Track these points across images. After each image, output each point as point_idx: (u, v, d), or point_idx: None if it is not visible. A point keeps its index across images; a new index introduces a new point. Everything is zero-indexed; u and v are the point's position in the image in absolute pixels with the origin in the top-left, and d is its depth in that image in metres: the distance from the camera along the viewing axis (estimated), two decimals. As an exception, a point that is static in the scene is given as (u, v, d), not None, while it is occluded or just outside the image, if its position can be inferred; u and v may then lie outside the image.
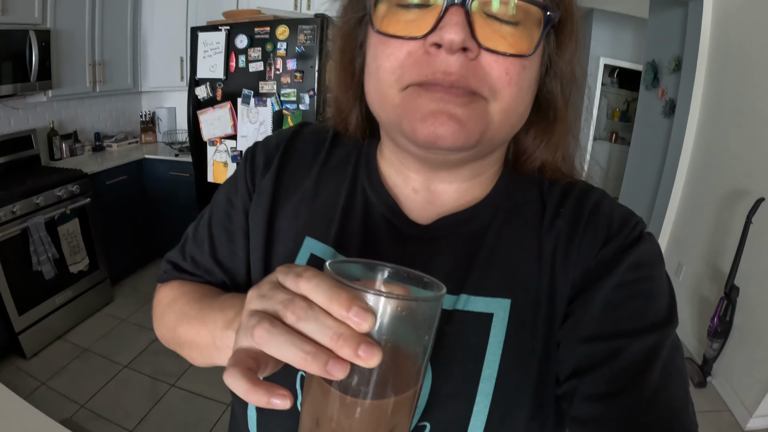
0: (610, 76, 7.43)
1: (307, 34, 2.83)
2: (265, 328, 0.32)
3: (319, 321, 0.31)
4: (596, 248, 0.51)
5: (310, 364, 0.30)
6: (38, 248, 2.77)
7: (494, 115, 0.45)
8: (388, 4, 0.45)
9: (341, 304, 0.31)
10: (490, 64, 0.43)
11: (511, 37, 0.43)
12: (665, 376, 0.44)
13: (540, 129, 0.56)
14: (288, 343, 0.31)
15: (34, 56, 2.93)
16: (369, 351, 0.30)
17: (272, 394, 0.32)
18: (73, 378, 2.71)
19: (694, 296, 3.24)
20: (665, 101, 3.82)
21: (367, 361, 0.30)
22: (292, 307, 0.32)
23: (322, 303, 0.32)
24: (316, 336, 0.31)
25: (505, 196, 0.57)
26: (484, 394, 0.49)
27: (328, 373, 0.30)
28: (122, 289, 3.68)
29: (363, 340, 0.30)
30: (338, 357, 0.30)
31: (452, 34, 0.40)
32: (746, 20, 2.87)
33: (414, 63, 0.44)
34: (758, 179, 2.71)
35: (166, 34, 3.89)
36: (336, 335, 0.30)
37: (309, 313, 0.32)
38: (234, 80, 3.06)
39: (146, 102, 4.46)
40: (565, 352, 0.49)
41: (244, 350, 0.35)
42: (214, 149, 3.21)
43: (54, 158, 3.52)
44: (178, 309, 0.62)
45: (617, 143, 7.49)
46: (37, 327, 2.88)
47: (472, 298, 0.51)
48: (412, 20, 0.43)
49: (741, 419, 2.64)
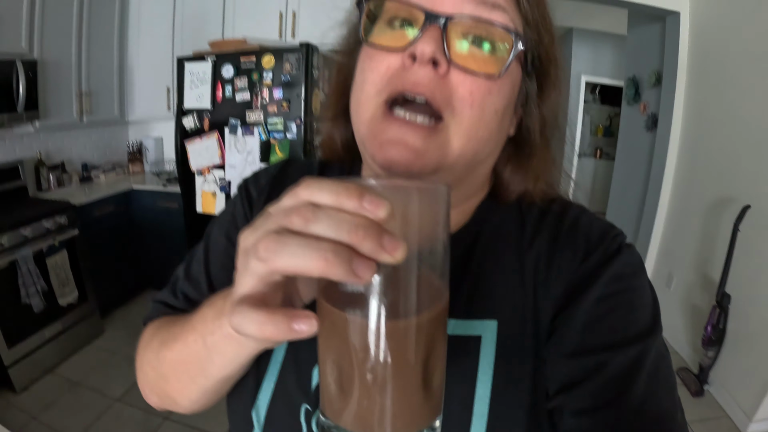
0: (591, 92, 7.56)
1: (292, 63, 2.85)
2: (271, 238, 0.29)
3: (332, 217, 0.28)
4: (576, 263, 0.52)
5: (332, 266, 0.27)
6: (27, 281, 2.73)
7: (454, 141, 0.47)
8: (377, 21, 0.48)
9: (351, 195, 0.28)
10: (457, 82, 0.46)
11: (482, 60, 0.46)
12: (651, 386, 0.44)
13: (516, 163, 0.58)
14: (302, 246, 0.28)
15: (21, 86, 2.92)
16: (394, 242, 0.27)
17: (293, 319, 0.29)
18: (64, 412, 2.64)
19: (686, 306, 3.26)
20: (647, 115, 3.89)
21: (393, 254, 0.27)
22: (297, 212, 0.29)
23: (330, 200, 0.29)
24: (331, 233, 0.28)
25: (485, 220, 0.58)
26: (479, 415, 0.48)
27: (353, 274, 0.27)
28: (112, 321, 3.62)
29: (384, 231, 0.27)
30: (361, 255, 0.27)
31: (425, 45, 0.44)
32: (723, 32, 2.96)
33: (391, 76, 0.47)
34: (743, 187, 2.75)
35: (152, 64, 3.91)
36: (354, 227, 0.27)
37: (318, 213, 0.28)
38: (221, 110, 3.06)
39: (133, 132, 4.45)
40: (552, 368, 0.49)
41: (245, 296, 0.32)
42: (203, 179, 3.20)
43: (41, 189, 3.50)
44: (161, 334, 0.57)
45: (602, 159, 7.58)
46: (26, 360, 2.82)
47: (460, 322, 0.52)
48: (396, 36, 0.47)
49: (741, 425, 2.64)
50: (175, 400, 0.56)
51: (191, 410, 0.57)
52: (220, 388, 0.53)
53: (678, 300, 3.33)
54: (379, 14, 0.48)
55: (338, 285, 0.31)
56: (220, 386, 0.51)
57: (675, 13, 3.25)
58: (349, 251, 0.27)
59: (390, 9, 0.48)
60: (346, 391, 0.32)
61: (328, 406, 0.34)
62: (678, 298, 3.34)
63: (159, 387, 0.57)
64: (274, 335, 0.29)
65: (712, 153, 3.07)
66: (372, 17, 0.49)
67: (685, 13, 3.24)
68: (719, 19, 2.99)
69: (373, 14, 0.49)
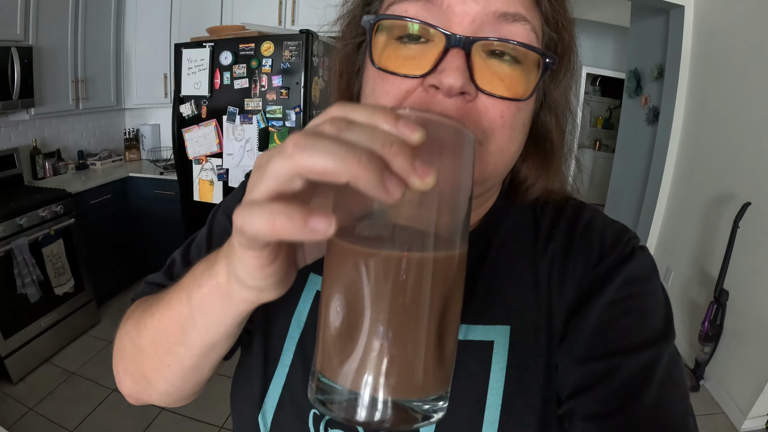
0: (592, 84, 7.54)
1: (292, 50, 2.82)
2: (300, 135, 0.27)
3: (366, 129, 0.27)
4: (590, 267, 0.51)
5: (365, 170, 0.25)
6: (23, 270, 2.71)
7: (486, 159, 0.45)
8: (387, 37, 0.45)
9: (387, 116, 0.27)
10: (486, 106, 0.43)
11: (509, 80, 0.43)
12: (663, 392, 0.44)
13: (538, 160, 0.56)
14: (334, 144, 0.26)
15: (17, 73, 2.89)
16: (425, 167, 0.26)
17: (311, 214, 0.26)
18: (61, 403, 2.64)
19: (683, 301, 3.27)
20: (648, 109, 3.87)
21: (423, 178, 0.26)
22: (330, 122, 0.27)
23: (364, 118, 0.27)
24: (364, 142, 0.26)
25: (499, 223, 0.57)
26: (490, 421, 0.48)
27: (383, 187, 0.25)
28: (108, 310, 3.61)
29: (417, 156, 0.26)
30: (392, 172, 0.26)
31: (451, 79, 0.40)
32: (727, 27, 2.93)
33: (412, 101, 0.44)
34: (743, 183, 2.75)
35: (149, 50, 3.87)
36: (388, 141, 0.26)
37: (352, 123, 0.27)
38: (219, 97, 3.03)
39: (130, 119, 4.42)
40: (563, 373, 0.49)
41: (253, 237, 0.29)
42: (200, 167, 3.18)
43: (37, 177, 3.47)
44: (144, 306, 0.52)
45: (601, 150, 7.59)
46: (23, 351, 2.81)
47: (472, 327, 0.51)
48: (412, 57, 0.43)
49: (736, 421, 2.67)
50: (149, 381, 0.51)
51: (166, 396, 0.53)
52: (198, 366, 0.47)
53: (675, 295, 3.34)
54: (389, 31, 0.45)
55: (354, 220, 0.30)
56: (199, 362, 0.46)
57: (679, 6, 3.23)
58: (382, 163, 0.26)
59: (400, 25, 0.44)
60: (351, 342, 0.30)
61: (327, 363, 0.31)
62: (675, 293, 3.35)
63: (135, 364, 0.52)
64: (285, 229, 0.26)
65: (713, 149, 3.06)
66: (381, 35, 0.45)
67: (690, 7, 3.22)
68: (723, 13, 2.96)
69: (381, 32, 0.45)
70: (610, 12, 5.54)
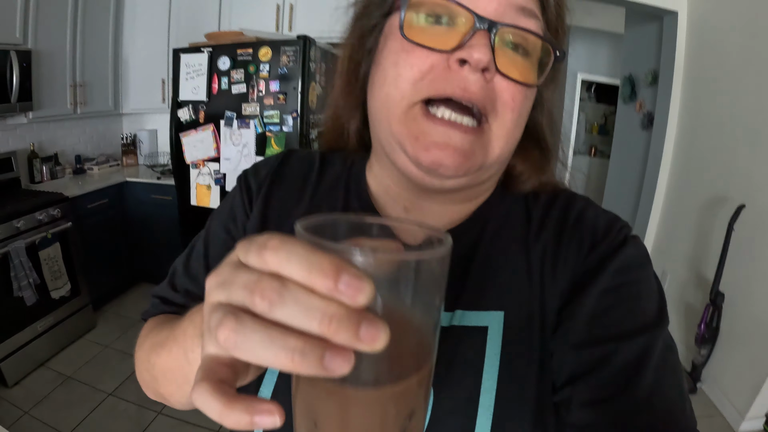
0: (587, 91, 7.55)
1: (289, 55, 2.83)
2: (230, 327, 0.24)
3: (300, 302, 0.24)
4: (582, 256, 0.52)
5: (300, 364, 0.23)
6: (19, 273, 2.70)
7: (494, 142, 0.49)
8: (416, 15, 0.47)
9: (325, 272, 0.23)
10: (501, 87, 0.47)
11: (522, 67, 0.48)
12: (659, 377, 0.44)
13: (533, 156, 0.59)
14: (264, 341, 0.24)
15: (15, 77, 2.89)
16: (373, 331, 0.23)
17: (255, 411, 0.25)
18: (56, 407, 2.63)
19: (679, 304, 3.28)
20: (643, 114, 3.90)
21: (372, 344, 0.23)
22: (261, 290, 0.24)
23: (300, 277, 0.24)
24: (298, 323, 0.24)
25: (492, 212, 0.58)
26: (485, 407, 0.48)
27: (326, 370, 0.23)
28: (105, 314, 3.60)
29: (362, 317, 0.23)
30: (335, 346, 0.23)
31: (480, 54, 0.44)
32: (720, 32, 2.96)
33: (435, 77, 0.47)
34: (737, 186, 2.77)
35: (147, 55, 3.89)
36: (326, 317, 0.23)
37: (284, 294, 0.24)
38: (217, 102, 3.04)
39: (127, 124, 4.42)
40: (558, 361, 0.49)
41: (212, 358, 0.27)
42: (197, 172, 3.18)
43: (34, 181, 3.47)
44: (152, 337, 0.57)
45: (596, 157, 7.59)
46: (18, 354, 2.80)
47: (467, 313, 0.52)
48: (439, 35, 0.47)
49: (733, 422, 2.66)
50: (167, 400, 0.58)
51: (186, 409, 0.57)
52: None
53: (671, 298, 3.34)
54: (416, 9, 0.47)
55: None
56: None
57: (673, 12, 3.25)
58: (321, 344, 0.23)
59: (430, 3, 0.47)
60: None
61: None
62: (671, 296, 3.35)
63: (152, 387, 0.59)
64: (234, 426, 0.25)
65: (707, 152, 3.08)
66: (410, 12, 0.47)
67: (683, 13, 3.24)
68: (716, 19, 2.99)
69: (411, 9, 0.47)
70: (604, 19, 5.57)
